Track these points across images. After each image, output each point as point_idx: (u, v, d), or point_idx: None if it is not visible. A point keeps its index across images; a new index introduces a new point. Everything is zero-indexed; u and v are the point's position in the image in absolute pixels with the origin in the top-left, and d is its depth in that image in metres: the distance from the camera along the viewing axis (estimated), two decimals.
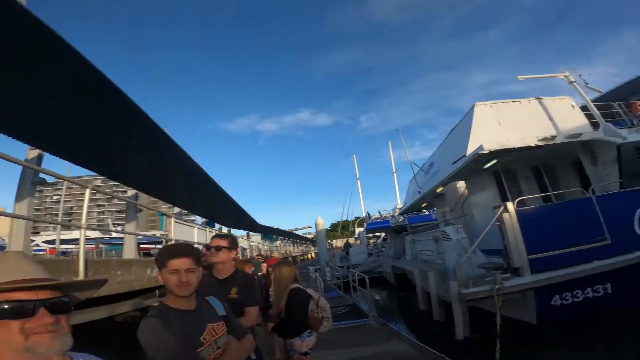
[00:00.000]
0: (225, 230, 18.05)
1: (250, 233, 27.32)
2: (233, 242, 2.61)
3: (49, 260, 3.57)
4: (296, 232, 54.85)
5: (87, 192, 4.04)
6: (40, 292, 0.88)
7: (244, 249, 21.60)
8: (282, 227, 42.25)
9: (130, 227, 8.50)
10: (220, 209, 13.92)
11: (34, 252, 13.31)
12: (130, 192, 9.16)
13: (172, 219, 6.22)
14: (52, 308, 0.88)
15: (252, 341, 1.86)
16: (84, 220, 3.96)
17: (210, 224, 15.56)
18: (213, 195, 11.54)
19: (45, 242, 20.93)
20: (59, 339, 0.89)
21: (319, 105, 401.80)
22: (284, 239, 42.62)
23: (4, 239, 17.64)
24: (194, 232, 10.33)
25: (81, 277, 3.67)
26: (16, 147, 5.50)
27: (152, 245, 15.64)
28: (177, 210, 13.57)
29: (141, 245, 16.85)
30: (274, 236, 35.13)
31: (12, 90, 3.60)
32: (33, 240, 20.83)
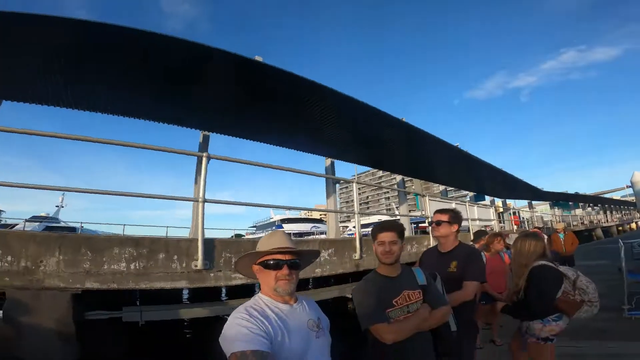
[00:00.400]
0: (499, 202, 16.87)
1: (534, 202, 23.77)
2: (454, 216, 2.54)
3: (341, 240, 4.97)
4: (605, 195, 41.41)
5: (355, 185, 5.32)
6: (286, 255, 1.37)
7: (523, 219, 19.00)
8: (582, 192, 32.92)
9: (402, 209, 9.96)
10: (486, 181, 13.29)
11: (347, 235, 18.23)
12: (398, 177, 10.73)
13: (427, 198, 6.77)
14: (291, 265, 1.37)
15: (444, 312, 1.89)
16: (356, 207, 5.27)
17: (478, 197, 15.13)
18: (475, 170, 11.29)
19: (354, 226, 27.11)
20: (291, 285, 1.36)
21: (586, 38, 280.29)
22: (589, 206, 33.50)
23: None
24: (461, 207, 10.39)
25: (357, 253, 4.94)
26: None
27: (426, 224, 17.12)
28: (442, 188, 14.19)
29: (420, 225, 18.98)
30: (570, 203, 28.10)
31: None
32: (346, 227, 27.71)
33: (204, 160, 3.69)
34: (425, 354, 1.87)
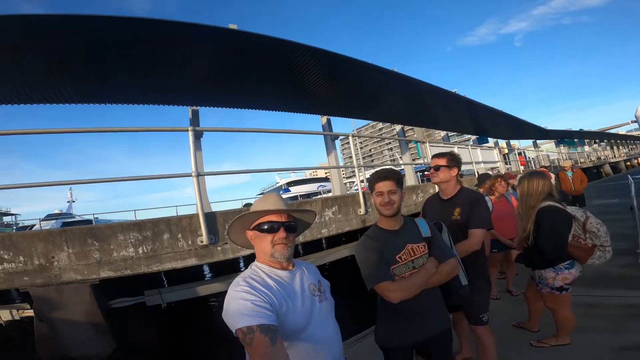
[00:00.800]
0: (503, 144, 16.65)
1: (539, 141, 23.39)
2: (452, 159, 2.33)
3: (343, 197, 4.92)
4: (611, 130, 40.50)
5: (350, 139, 5.21)
6: (282, 216, 1.31)
7: (529, 159, 18.90)
8: (587, 128, 32.11)
9: (405, 158, 9.86)
10: (487, 123, 13.00)
11: (355, 191, 18.29)
12: (398, 127, 10.50)
13: (427, 144, 6.61)
14: (287, 228, 1.30)
15: (452, 266, 1.75)
16: (354, 162, 5.21)
17: (481, 140, 14.89)
18: (474, 113, 11.01)
19: (361, 181, 27.36)
20: (288, 249, 1.29)
21: None
22: (596, 142, 32.78)
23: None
24: (464, 151, 10.26)
25: (362, 208, 4.94)
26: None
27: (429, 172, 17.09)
28: (443, 133, 13.94)
29: (426, 173, 18.92)
30: (576, 140, 27.59)
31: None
32: (353, 183, 27.84)
33: (190, 134, 3.72)
34: (436, 309, 1.79)
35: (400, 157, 15.23)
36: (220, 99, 6.93)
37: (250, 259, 1.45)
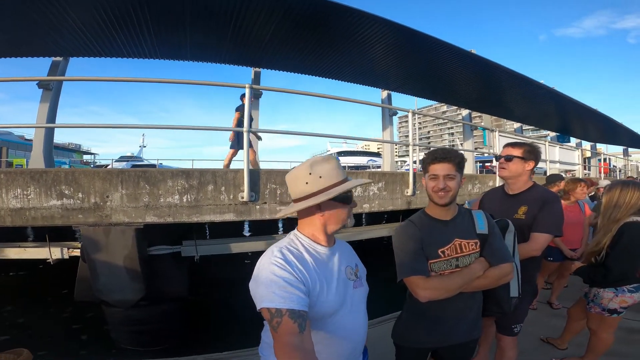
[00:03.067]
0: (587, 145, 14.66)
1: (631, 149, 20.25)
2: (530, 151, 2.00)
3: (391, 174, 4.64)
4: None
5: (410, 115, 4.82)
6: None
7: (613, 168, 16.50)
8: None
9: (467, 144, 9.12)
10: (574, 120, 11.41)
11: (405, 170, 17.58)
12: (465, 112, 9.66)
13: (497, 133, 5.90)
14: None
15: (504, 272, 1.47)
16: (410, 140, 4.83)
17: (561, 138, 13.21)
18: (560, 107, 9.70)
19: (414, 161, 26.36)
20: (352, 220, 1.22)
21: None
22: None
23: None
24: (540, 146, 9.20)
25: (410, 189, 4.66)
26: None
27: (493, 164, 15.70)
28: (517, 125, 12.58)
29: (486, 164, 17.54)
30: None
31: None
32: (405, 162, 26.94)
33: (248, 90, 3.70)
34: (470, 319, 1.52)
35: (461, 144, 14.08)
36: (283, 62, 6.92)
37: (286, 223, 1.33)
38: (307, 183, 1.13)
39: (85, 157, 29.93)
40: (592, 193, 5.80)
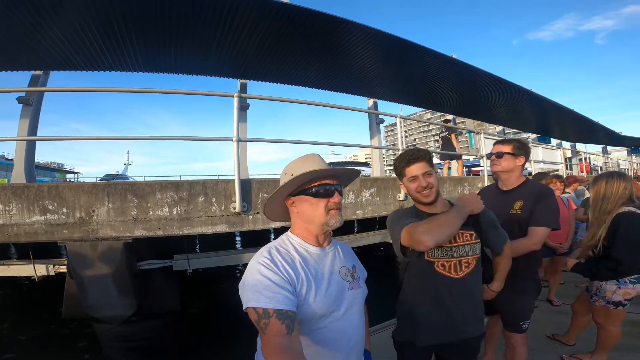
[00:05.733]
0: (567, 145, 15.08)
1: (609, 148, 20.96)
2: (520, 147, 2.04)
3: (383, 179, 4.67)
4: None
5: (398, 121, 4.89)
6: (334, 180, 1.15)
7: (594, 167, 17.03)
8: None
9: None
10: (553, 121, 11.75)
11: (393, 176, 17.60)
12: (449, 117, 9.85)
13: (482, 135, 6.02)
14: (339, 191, 1.15)
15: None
16: (400, 145, 4.86)
17: (542, 139, 13.58)
18: (539, 110, 9.99)
19: None
20: (341, 215, 1.14)
21: None
22: None
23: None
24: None
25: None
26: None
27: (480, 168, 15.99)
28: (499, 128, 12.90)
29: (473, 169, 17.81)
30: None
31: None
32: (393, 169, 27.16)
33: (236, 100, 3.68)
34: (469, 313, 1.50)
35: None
36: (268, 73, 6.92)
37: (280, 232, 1.31)
38: (282, 183, 1.16)
39: (69, 176, 29.04)
40: (580, 188, 6.00)
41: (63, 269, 3.39)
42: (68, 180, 24.80)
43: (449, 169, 8.75)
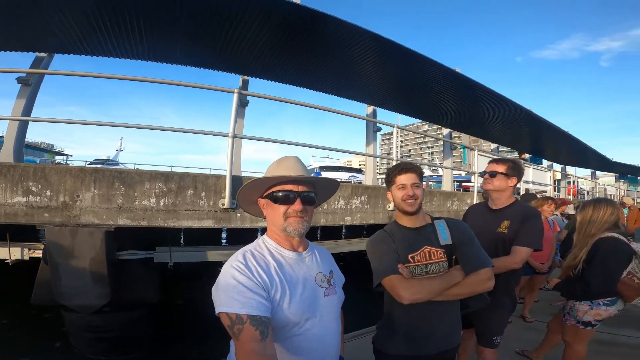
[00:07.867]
0: (557, 168, 15.33)
1: (598, 173, 21.35)
2: (513, 168, 2.09)
3: (374, 187, 4.69)
4: None
5: (395, 131, 4.93)
6: (300, 185, 1.11)
7: (582, 191, 17.31)
8: None
9: (447, 163, 9.33)
10: (548, 143, 11.93)
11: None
12: (445, 131, 9.93)
13: (475, 151, 6.10)
14: (304, 199, 1.11)
15: (483, 278, 1.47)
16: (394, 155, 4.91)
17: (534, 159, 13.78)
18: (537, 130, 10.12)
19: None
20: (303, 224, 1.11)
21: None
22: None
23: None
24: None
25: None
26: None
27: (471, 184, 16.18)
28: (494, 146, 13.06)
29: (463, 184, 17.96)
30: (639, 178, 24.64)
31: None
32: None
33: (235, 96, 3.68)
34: (448, 327, 1.55)
35: (440, 163, 14.40)
36: (270, 71, 6.93)
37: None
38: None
39: (58, 157, 28.48)
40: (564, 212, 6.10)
41: (39, 253, 3.28)
42: (57, 162, 24.34)
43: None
